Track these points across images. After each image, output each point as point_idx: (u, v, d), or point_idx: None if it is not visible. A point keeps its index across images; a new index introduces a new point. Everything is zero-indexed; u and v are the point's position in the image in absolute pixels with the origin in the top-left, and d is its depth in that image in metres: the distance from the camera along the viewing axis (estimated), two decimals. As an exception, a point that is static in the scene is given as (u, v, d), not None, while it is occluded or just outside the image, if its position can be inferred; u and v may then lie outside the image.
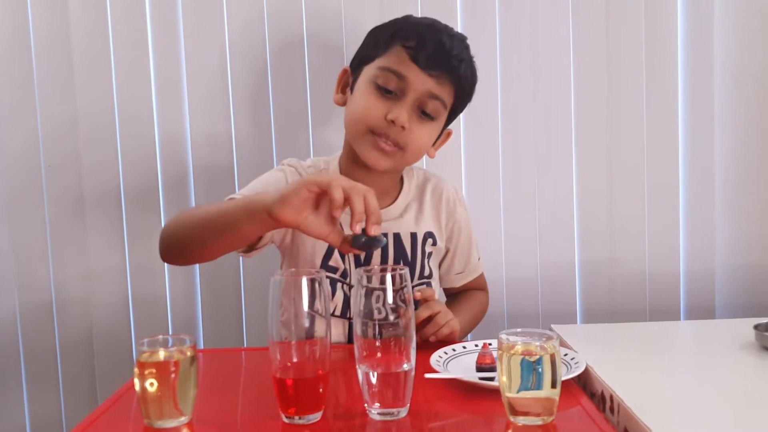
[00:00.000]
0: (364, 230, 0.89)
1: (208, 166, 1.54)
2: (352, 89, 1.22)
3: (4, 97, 1.52)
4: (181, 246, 1.07)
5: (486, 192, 1.56)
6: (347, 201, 0.88)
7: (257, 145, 1.54)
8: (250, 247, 1.14)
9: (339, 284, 1.22)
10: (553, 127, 1.56)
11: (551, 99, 1.55)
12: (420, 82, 1.14)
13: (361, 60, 1.22)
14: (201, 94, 1.53)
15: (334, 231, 0.93)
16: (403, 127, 1.14)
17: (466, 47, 1.21)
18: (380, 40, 1.19)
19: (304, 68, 1.52)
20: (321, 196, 0.90)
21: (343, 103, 1.25)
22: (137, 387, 0.83)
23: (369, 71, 1.18)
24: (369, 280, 0.84)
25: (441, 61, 1.15)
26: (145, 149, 1.53)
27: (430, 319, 1.12)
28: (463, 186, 1.55)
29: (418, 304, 1.13)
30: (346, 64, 1.29)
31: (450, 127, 1.29)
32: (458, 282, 1.36)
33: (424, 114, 1.17)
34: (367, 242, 0.89)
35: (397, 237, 1.24)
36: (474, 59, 1.23)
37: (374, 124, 1.15)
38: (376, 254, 1.23)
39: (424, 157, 1.51)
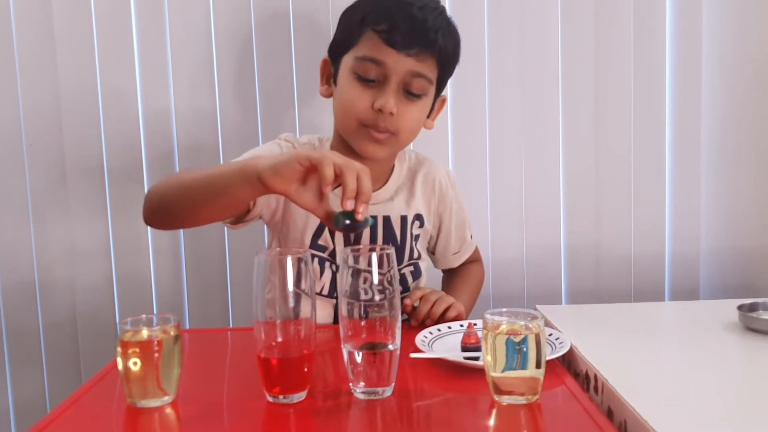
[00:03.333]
0: (350, 213, 0.86)
1: (192, 143, 1.52)
2: (335, 80, 1.19)
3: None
4: (169, 208, 1.04)
5: (473, 174, 1.56)
6: (339, 178, 0.86)
7: (242, 123, 1.52)
8: (238, 219, 1.12)
9: (327, 263, 1.21)
10: (540, 111, 1.55)
11: (539, 82, 1.55)
12: (399, 64, 1.11)
13: (338, 50, 1.18)
14: (186, 71, 1.51)
15: (322, 206, 0.90)
16: (391, 113, 1.12)
17: (441, 13, 1.15)
18: (351, 26, 1.15)
19: (290, 45, 1.51)
20: (312, 171, 0.87)
21: (329, 95, 1.22)
22: (120, 366, 0.83)
23: (347, 62, 1.15)
24: (355, 260, 0.83)
25: (416, 37, 1.10)
26: (129, 127, 1.51)
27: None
28: (450, 168, 1.54)
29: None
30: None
31: (443, 94, 1.25)
32: (456, 262, 1.37)
33: (410, 94, 1.14)
34: (350, 225, 0.86)
35: (386, 220, 1.24)
36: (452, 20, 1.18)
37: (363, 116, 1.13)
38: (365, 236, 1.22)
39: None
